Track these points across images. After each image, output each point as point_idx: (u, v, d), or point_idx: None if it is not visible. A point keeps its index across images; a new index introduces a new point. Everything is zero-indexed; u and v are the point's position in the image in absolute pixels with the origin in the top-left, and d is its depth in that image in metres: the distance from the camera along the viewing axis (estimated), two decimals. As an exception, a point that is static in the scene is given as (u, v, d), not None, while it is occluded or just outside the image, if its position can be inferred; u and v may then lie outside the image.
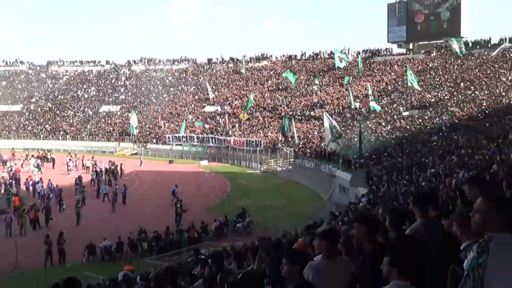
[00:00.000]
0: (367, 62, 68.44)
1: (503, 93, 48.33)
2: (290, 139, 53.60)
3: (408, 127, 48.73)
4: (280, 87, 70.95)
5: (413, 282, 4.22)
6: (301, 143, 52.45)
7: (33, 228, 31.88)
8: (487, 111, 45.12)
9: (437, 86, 56.94)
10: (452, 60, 62.32)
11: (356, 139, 42.60)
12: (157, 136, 67.37)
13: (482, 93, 50.60)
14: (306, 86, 68.07)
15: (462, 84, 55.19)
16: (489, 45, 62.47)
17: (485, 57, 59.78)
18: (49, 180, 42.69)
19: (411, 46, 72.50)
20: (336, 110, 58.56)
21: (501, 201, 4.04)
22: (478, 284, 3.74)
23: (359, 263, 5.08)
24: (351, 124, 52.24)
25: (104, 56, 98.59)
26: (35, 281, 21.33)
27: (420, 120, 49.43)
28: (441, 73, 60.81)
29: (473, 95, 51.13)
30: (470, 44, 64.08)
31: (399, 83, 60.96)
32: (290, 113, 61.34)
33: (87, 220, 33.80)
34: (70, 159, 54.53)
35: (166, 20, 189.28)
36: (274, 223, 30.87)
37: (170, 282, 7.18)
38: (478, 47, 63.51)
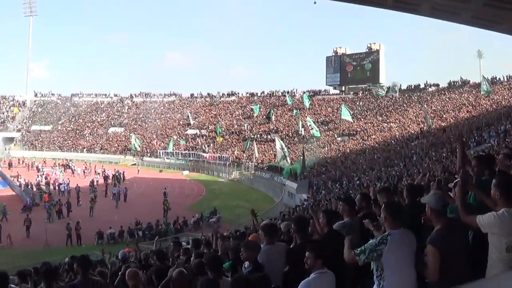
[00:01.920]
0: (310, 99, 68.71)
1: (410, 125, 49.34)
2: (251, 156, 53.50)
3: (340, 149, 49.31)
4: (245, 117, 70.96)
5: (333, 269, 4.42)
6: (259, 159, 52.45)
7: (58, 218, 32.83)
8: (397, 138, 45.98)
9: (362, 119, 57.79)
10: (373, 99, 63.32)
11: (301, 157, 42.87)
12: (151, 151, 66.87)
13: (394, 125, 51.57)
14: (264, 116, 68.16)
15: (380, 117, 56.16)
16: (400, 89, 63.62)
17: (397, 98, 60.91)
18: (68, 178, 45.59)
19: (343, 88, 73.24)
20: (286, 135, 58.84)
21: (394, 207, 4.31)
22: (371, 259, 4.08)
23: (293, 249, 5.45)
24: (298, 146, 52.57)
25: (112, 90, 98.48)
26: (59, 255, 21.69)
27: (349, 144, 50.10)
28: (365, 109, 61.74)
29: (388, 126, 52.09)
30: (387, 88, 65.21)
31: (334, 116, 61.55)
32: (252, 136, 61.44)
33: (98, 213, 34.19)
34: (86, 167, 54.92)
35: (161, 64, 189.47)
36: (238, 218, 30.91)
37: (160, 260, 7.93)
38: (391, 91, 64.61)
